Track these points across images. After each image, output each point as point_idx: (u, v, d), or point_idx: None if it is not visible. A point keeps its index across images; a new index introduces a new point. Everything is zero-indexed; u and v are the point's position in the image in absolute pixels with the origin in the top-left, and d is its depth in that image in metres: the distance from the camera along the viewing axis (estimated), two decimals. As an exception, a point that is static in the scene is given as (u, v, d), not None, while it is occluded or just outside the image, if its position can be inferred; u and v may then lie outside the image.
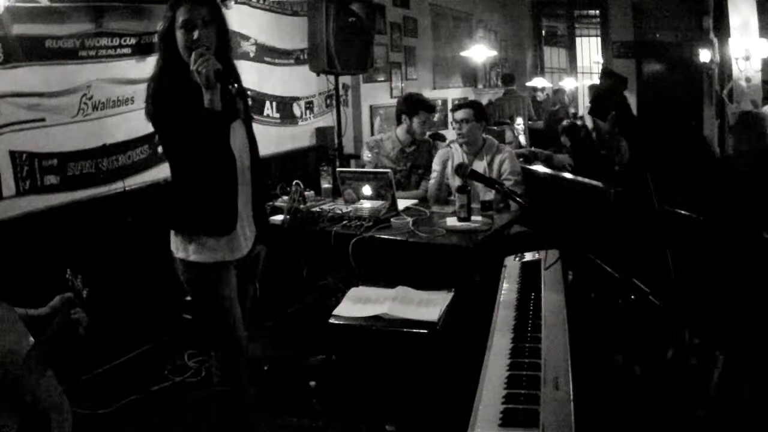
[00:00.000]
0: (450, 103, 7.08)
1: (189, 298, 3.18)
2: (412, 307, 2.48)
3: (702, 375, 1.51)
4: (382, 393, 2.59)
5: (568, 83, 8.98)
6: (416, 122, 3.74)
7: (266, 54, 4.47)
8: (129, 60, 3.35)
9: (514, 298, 1.98)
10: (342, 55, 3.92)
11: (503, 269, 2.29)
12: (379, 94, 5.75)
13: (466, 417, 1.34)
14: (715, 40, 5.81)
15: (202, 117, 1.93)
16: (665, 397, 1.60)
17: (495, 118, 7.87)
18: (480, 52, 7.15)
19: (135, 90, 3.30)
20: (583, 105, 9.08)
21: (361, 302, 2.56)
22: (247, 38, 4.28)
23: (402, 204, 3.32)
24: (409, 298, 2.55)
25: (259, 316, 3.30)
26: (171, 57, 2.02)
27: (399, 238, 2.91)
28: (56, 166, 3.03)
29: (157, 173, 3.45)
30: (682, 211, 2.42)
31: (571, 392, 1.33)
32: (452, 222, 3.02)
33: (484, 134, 3.69)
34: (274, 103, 4.57)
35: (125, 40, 3.32)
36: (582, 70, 9.72)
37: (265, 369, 3.17)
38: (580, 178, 3.59)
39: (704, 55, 7.00)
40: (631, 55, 8.65)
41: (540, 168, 4.49)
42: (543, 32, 9.96)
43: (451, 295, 2.57)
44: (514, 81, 8.19)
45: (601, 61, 8.96)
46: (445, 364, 2.39)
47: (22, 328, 1.82)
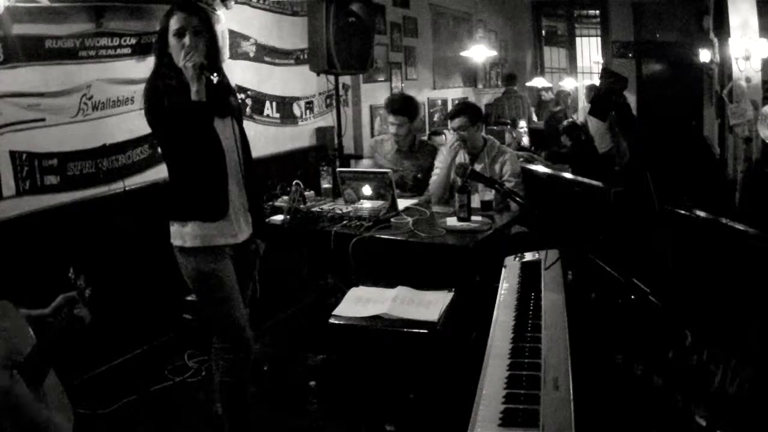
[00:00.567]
0: (450, 103, 7.09)
1: (190, 298, 3.20)
2: (412, 307, 2.48)
3: (702, 375, 1.51)
4: (382, 393, 2.59)
5: (568, 83, 8.97)
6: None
7: (266, 54, 4.47)
8: (129, 60, 3.35)
9: (514, 298, 1.98)
10: (342, 55, 3.92)
11: (503, 269, 2.29)
12: (379, 94, 5.75)
13: (466, 417, 1.34)
14: (715, 40, 5.80)
15: (188, 107, 2.11)
16: (665, 397, 1.60)
17: (494, 118, 7.89)
18: (480, 52, 7.15)
19: (135, 90, 3.30)
20: (581, 105, 9.07)
21: (361, 302, 2.56)
22: (247, 38, 4.28)
23: (402, 204, 3.32)
24: (409, 298, 2.55)
25: (259, 316, 3.31)
26: (165, 60, 2.21)
27: (399, 238, 2.91)
28: (56, 166, 3.03)
29: (157, 173, 3.45)
30: (682, 211, 2.42)
31: (571, 392, 1.33)
32: (452, 222, 3.02)
33: (485, 135, 3.69)
34: (274, 103, 4.57)
35: (125, 40, 3.32)
36: (582, 70, 9.71)
37: (265, 369, 3.18)
38: (580, 178, 3.59)
39: (704, 55, 6.99)
40: (631, 55, 8.64)
41: (540, 168, 4.49)
42: (543, 32, 9.95)
43: (451, 295, 2.57)
44: (516, 81, 8.19)
45: (601, 61, 8.95)
46: (445, 364, 2.39)
47: (25, 327, 1.82)
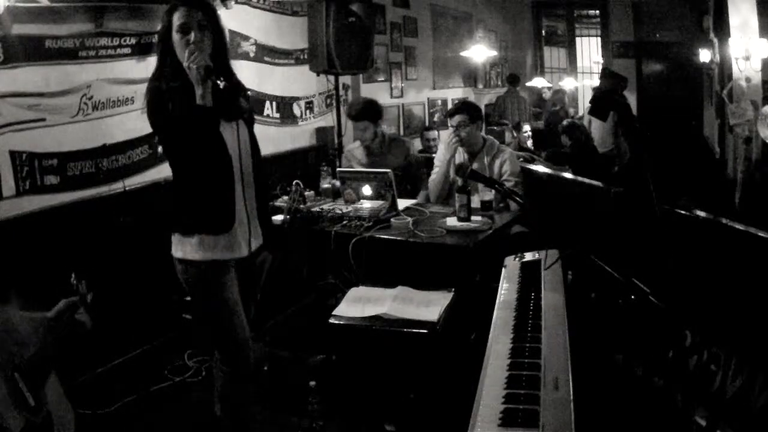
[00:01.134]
0: (450, 103, 7.09)
1: (189, 298, 3.20)
2: (412, 307, 2.48)
3: (702, 375, 1.51)
4: (382, 393, 2.59)
5: (568, 83, 8.98)
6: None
7: (266, 54, 4.47)
8: (129, 60, 3.35)
9: (514, 298, 1.98)
10: (342, 55, 3.92)
11: (503, 269, 2.29)
12: (379, 94, 5.75)
13: (466, 417, 1.34)
14: (715, 40, 5.80)
15: (193, 112, 1.97)
16: (665, 398, 1.60)
17: (495, 118, 7.89)
18: (480, 52, 7.15)
19: (135, 90, 3.31)
20: (583, 105, 9.07)
21: (361, 302, 2.56)
22: (247, 38, 4.28)
23: (402, 204, 3.32)
24: (409, 298, 2.55)
25: (259, 316, 3.30)
26: (168, 59, 2.07)
27: (399, 238, 2.91)
28: (56, 166, 3.03)
29: (157, 173, 3.45)
30: (682, 211, 2.42)
31: (571, 392, 1.33)
32: (452, 222, 3.02)
33: (485, 134, 3.69)
34: (274, 103, 4.57)
35: (125, 40, 3.32)
36: (582, 70, 9.71)
37: (265, 369, 3.17)
38: (580, 178, 3.59)
39: (704, 55, 6.99)
40: (631, 55, 8.64)
41: (540, 168, 4.49)
42: (543, 32, 9.96)
43: (451, 295, 2.57)
44: (518, 81, 8.18)
45: (601, 61, 8.95)
46: (445, 364, 2.39)
47: (26, 330, 1.82)
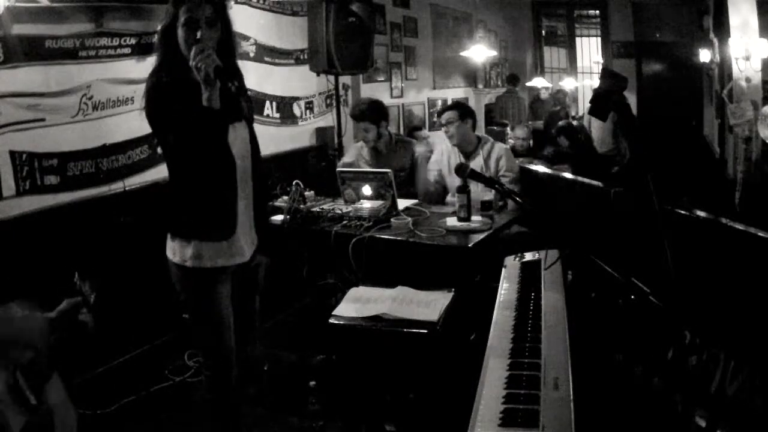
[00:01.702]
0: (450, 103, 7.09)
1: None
2: (412, 307, 2.48)
3: (702, 375, 1.51)
4: (382, 393, 2.59)
5: (568, 83, 8.98)
6: None
7: (266, 54, 4.47)
8: (129, 60, 3.35)
9: (514, 298, 1.98)
10: (342, 55, 3.91)
11: (503, 269, 2.29)
12: (379, 94, 5.74)
13: (466, 417, 1.34)
14: (715, 40, 5.80)
15: (199, 115, 1.87)
16: (665, 398, 1.60)
17: (495, 118, 7.89)
18: (480, 52, 7.15)
19: (135, 90, 3.30)
20: (583, 105, 9.08)
21: (361, 302, 2.56)
22: (247, 38, 4.28)
23: (402, 204, 3.32)
24: (409, 298, 2.55)
25: (259, 316, 3.30)
26: (171, 54, 1.96)
27: (399, 238, 2.91)
28: (56, 166, 3.03)
29: (157, 173, 3.45)
30: (682, 211, 2.42)
31: (571, 392, 1.33)
32: (452, 222, 3.02)
33: (479, 133, 3.70)
34: (274, 103, 4.57)
35: (125, 40, 3.32)
36: (582, 70, 9.72)
37: (265, 369, 3.17)
38: (580, 178, 3.59)
39: (704, 55, 6.99)
40: (631, 55, 8.65)
41: (540, 168, 4.49)
42: (543, 32, 9.96)
43: (451, 295, 2.57)
44: (518, 82, 8.19)
45: (601, 61, 8.95)
46: (445, 364, 2.39)
47: (29, 330, 1.82)
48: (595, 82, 7.73)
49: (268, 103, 4.51)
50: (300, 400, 2.83)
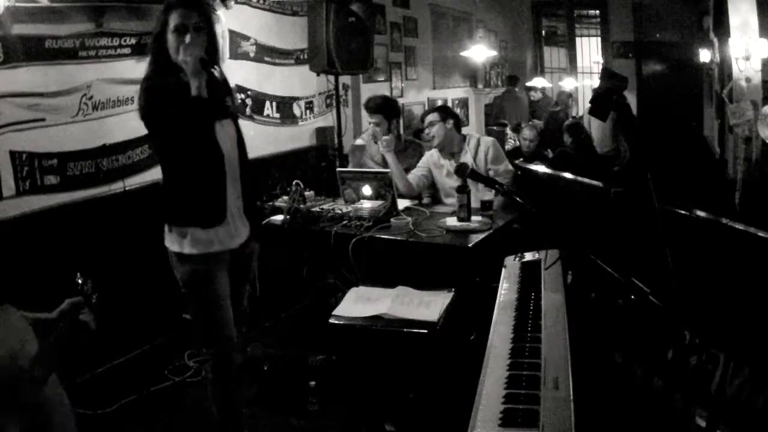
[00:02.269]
0: (450, 103, 7.09)
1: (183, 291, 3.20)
2: (412, 307, 2.48)
3: (702, 375, 1.51)
4: (382, 393, 2.59)
5: (568, 83, 8.97)
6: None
7: (266, 54, 4.47)
8: (129, 60, 3.35)
9: (514, 298, 1.98)
10: (342, 55, 3.91)
11: (503, 269, 2.29)
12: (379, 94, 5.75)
13: (466, 417, 1.34)
14: (715, 40, 5.80)
15: (189, 106, 2.03)
16: (665, 398, 1.60)
17: (493, 119, 7.90)
18: (480, 52, 7.15)
19: (135, 90, 3.25)
20: (583, 105, 9.07)
21: (361, 302, 2.56)
22: (247, 38, 4.28)
23: (402, 204, 3.32)
24: (409, 298, 2.55)
25: (259, 316, 3.30)
26: (162, 59, 2.13)
27: (399, 238, 2.91)
28: (56, 166, 3.03)
29: (157, 173, 3.39)
30: (682, 211, 2.42)
31: (571, 392, 1.33)
32: (452, 222, 3.02)
33: (470, 134, 3.70)
34: (274, 103, 4.57)
35: (125, 40, 3.32)
36: (582, 70, 9.71)
37: (265, 369, 3.17)
38: (580, 178, 3.59)
39: (704, 55, 6.99)
40: (631, 55, 8.64)
41: (540, 168, 4.49)
42: (543, 32, 9.95)
43: (451, 295, 2.57)
44: (517, 82, 8.18)
45: (601, 61, 8.95)
46: (445, 364, 2.39)
47: (28, 330, 1.83)
48: (595, 82, 7.75)
49: (268, 103, 4.51)
50: (300, 400, 2.83)
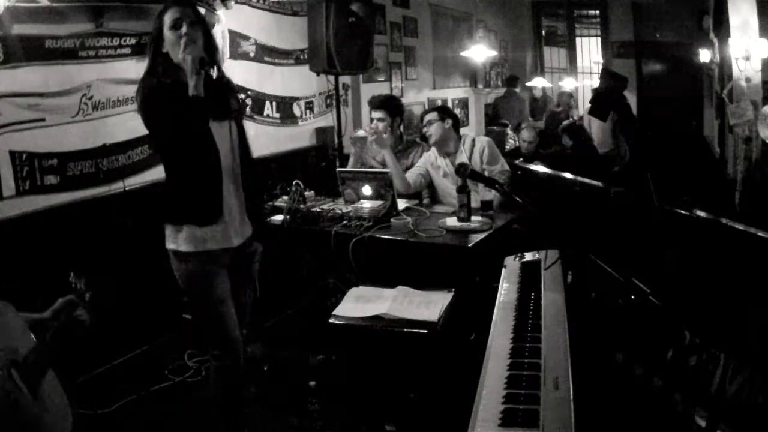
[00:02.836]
0: (450, 103, 7.09)
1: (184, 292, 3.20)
2: (412, 307, 2.48)
3: (702, 375, 1.51)
4: (382, 393, 2.59)
5: (568, 83, 8.97)
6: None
7: (266, 54, 4.47)
8: (129, 60, 3.35)
9: (514, 298, 1.98)
10: (342, 55, 3.91)
11: (503, 269, 2.29)
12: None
13: (466, 417, 1.34)
14: (715, 40, 5.79)
15: (186, 104, 2.04)
16: (665, 398, 1.60)
17: (494, 118, 7.89)
18: (480, 52, 7.14)
19: (135, 90, 3.30)
20: (583, 105, 9.08)
21: (361, 302, 2.56)
22: (247, 38, 4.28)
23: (402, 204, 3.32)
24: (409, 298, 2.55)
25: (259, 316, 3.30)
26: (160, 58, 2.15)
27: (399, 238, 2.90)
28: (56, 166, 3.03)
29: (157, 173, 3.44)
30: (682, 211, 2.42)
31: (571, 392, 1.33)
32: (452, 222, 3.02)
33: (462, 133, 3.70)
34: (274, 103, 4.57)
35: (125, 40, 3.32)
36: (582, 70, 9.71)
37: (265, 369, 3.17)
38: (580, 178, 3.60)
39: (704, 55, 6.98)
40: (631, 55, 8.64)
41: (540, 168, 4.49)
42: (543, 32, 9.95)
43: (451, 295, 2.57)
44: (517, 83, 8.18)
45: (601, 61, 8.95)
46: (445, 364, 2.39)
47: (24, 327, 1.83)
48: (595, 82, 7.76)
49: (268, 103, 4.51)
50: (300, 400, 2.83)
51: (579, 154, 5.73)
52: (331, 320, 2.49)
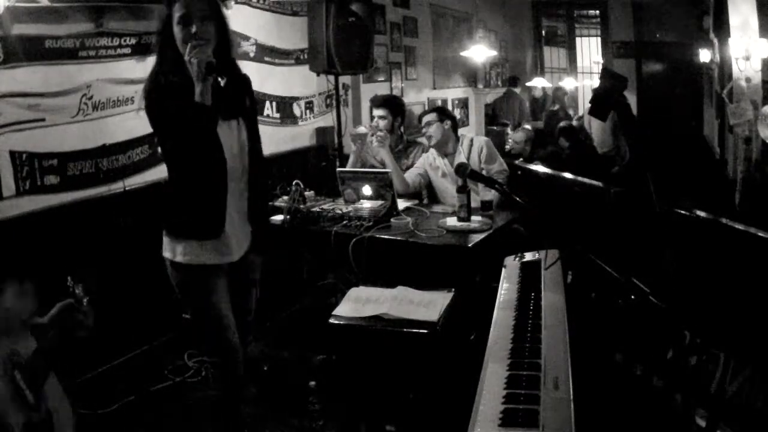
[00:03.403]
0: (450, 104, 7.09)
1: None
2: (412, 307, 2.48)
3: (702, 375, 1.51)
4: (382, 393, 2.59)
5: (568, 83, 8.97)
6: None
7: (266, 54, 4.47)
8: (129, 60, 3.35)
9: (514, 298, 1.98)
10: (342, 55, 3.91)
11: (503, 269, 2.29)
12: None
13: (466, 417, 1.34)
14: (715, 40, 5.80)
15: (191, 112, 1.90)
16: (665, 397, 1.60)
17: (495, 118, 7.90)
18: (480, 52, 7.13)
19: (135, 90, 3.30)
20: (583, 105, 9.08)
21: (361, 302, 2.56)
22: (247, 38, 4.28)
23: (402, 204, 3.32)
24: (409, 298, 2.55)
25: (259, 316, 3.30)
26: (168, 52, 2.01)
27: (399, 238, 2.91)
28: (56, 166, 3.03)
29: (157, 173, 3.45)
30: (682, 211, 2.42)
31: (571, 392, 1.33)
32: (452, 222, 3.02)
33: (459, 133, 3.71)
34: (274, 103, 4.58)
35: (125, 40, 3.32)
36: (582, 70, 9.71)
37: (265, 369, 3.17)
38: (580, 178, 3.60)
39: (704, 55, 6.99)
40: (631, 55, 8.63)
41: (540, 168, 4.49)
42: (543, 32, 9.95)
43: (451, 295, 2.57)
44: (517, 83, 8.19)
45: (601, 61, 8.95)
46: (445, 364, 2.39)
47: (25, 330, 1.83)
48: (595, 82, 7.75)
49: (268, 103, 4.52)
50: (300, 400, 2.83)
51: (577, 155, 5.73)
52: (331, 320, 2.49)
